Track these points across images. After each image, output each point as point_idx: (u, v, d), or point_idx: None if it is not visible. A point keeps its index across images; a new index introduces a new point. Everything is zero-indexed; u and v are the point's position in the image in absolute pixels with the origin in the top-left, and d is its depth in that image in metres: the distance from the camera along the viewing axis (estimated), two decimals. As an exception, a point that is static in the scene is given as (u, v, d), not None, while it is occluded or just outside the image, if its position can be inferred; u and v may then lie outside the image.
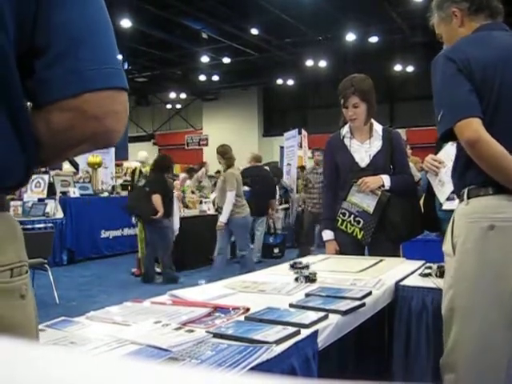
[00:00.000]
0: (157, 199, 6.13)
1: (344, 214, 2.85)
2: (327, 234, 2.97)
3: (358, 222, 2.81)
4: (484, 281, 1.61)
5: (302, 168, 9.70)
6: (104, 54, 0.75)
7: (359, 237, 2.82)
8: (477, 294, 1.62)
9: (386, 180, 2.81)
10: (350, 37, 13.00)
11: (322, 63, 15.51)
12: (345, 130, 2.97)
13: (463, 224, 1.68)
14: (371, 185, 2.78)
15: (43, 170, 8.87)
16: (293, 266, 2.47)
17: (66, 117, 0.72)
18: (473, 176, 1.67)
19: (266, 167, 8.63)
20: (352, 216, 2.82)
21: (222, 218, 5.63)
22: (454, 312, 1.68)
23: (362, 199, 2.80)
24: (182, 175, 9.41)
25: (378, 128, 2.94)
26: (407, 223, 2.80)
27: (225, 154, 5.91)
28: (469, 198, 1.68)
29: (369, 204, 2.79)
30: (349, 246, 2.88)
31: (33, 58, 0.71)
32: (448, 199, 2.43)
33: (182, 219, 7.65)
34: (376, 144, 2.89)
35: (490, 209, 1.62)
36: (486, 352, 1.60)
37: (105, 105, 0.73)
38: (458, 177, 1.74)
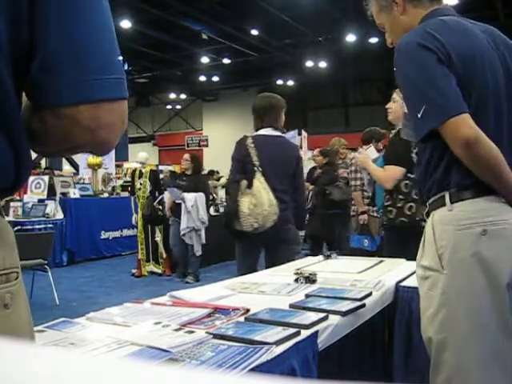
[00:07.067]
0: None
1: None
2: None
3: None
4: (485, 292, 1.45)
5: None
6: (105, 62, 0.72)
7: None
8: (478, 308, 1.45)
9: None
10: (351, 38, 13.01)
11: (322, 64, 15.51)
12: None
13: (451, 232, 1.49)
14: None
15: (43, 170, 8.89)
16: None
17: (60, 123, 0.71)
18: (457, 178, 1.50)
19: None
20: None
21: None
22: (450, 334, 1.47)
23: None
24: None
25: None
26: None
27: None
28: (452, 202, 1.51)
29: None
30: None
31: (29, 58, 0.69)
32: None
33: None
34: None
35: (481, 213, 1.48)
36: (490, 373, 1.45)
37: (100, 117, 0.71)
38: (437, 180, 1.55)
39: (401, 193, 2.94)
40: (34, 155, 0.80)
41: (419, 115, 1.47)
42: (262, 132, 3.15)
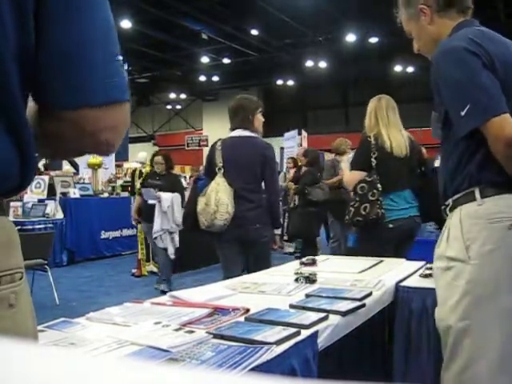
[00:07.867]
0: None
1: None
2: None
3: None
4: (510, 282, 1.52)
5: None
6: (108, 65, 0.72)
7: None
8: (503, 297, 1.51)
9: None
10: (350, 37, 13.02)
11: (322, 64, 15.53)
12: None
13: (482, 225, 1.56)
14: None
15: (43, 170, 8.89)
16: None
17: (61, 127, 0.71)
18: (490, 175, 1.58)
19: None
20: None
21: None
22: (473, 321, 1.53)
23: None
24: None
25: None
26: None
27: None
28: (483, 197, 1.58)
29: None
30: None
31: (35, 58, 0.69)
32: None
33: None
34: None
35: (510, 208, 1.55)
36: (510, 361, 1.50)
37: (103, 120, 0.71)
38: (468, 176, 1.62)
39: (357, 194, 3.12)
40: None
41: (463, 113, 1.54)
42: (233, 133, 3.23)
